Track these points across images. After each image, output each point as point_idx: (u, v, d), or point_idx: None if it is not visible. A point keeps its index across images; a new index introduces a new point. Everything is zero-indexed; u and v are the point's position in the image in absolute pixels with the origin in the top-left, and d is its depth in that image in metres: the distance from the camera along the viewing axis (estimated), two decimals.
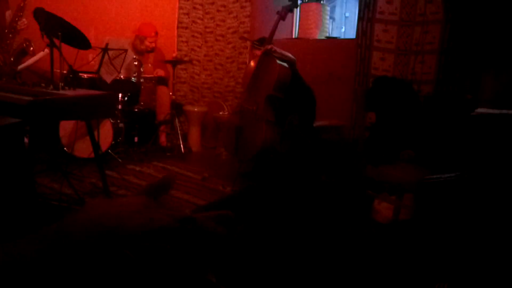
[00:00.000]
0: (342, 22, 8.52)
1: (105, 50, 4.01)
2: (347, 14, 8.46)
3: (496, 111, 2.74)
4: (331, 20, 7.99)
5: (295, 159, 3.70)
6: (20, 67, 4.02)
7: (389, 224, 2.98)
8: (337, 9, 8.53)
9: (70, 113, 2.10)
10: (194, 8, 5.54)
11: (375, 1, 4.17)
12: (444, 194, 2.57)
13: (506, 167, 2.48)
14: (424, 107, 3.29)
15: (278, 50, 3.79)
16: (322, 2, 5.17)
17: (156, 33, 5.05)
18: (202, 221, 0.48)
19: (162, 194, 0.52)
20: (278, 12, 3.90)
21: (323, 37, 5.16)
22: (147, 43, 5.01)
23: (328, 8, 5.46)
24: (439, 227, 2.59)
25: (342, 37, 6.69)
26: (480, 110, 2.79)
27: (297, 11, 5.47)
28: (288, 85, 3.73)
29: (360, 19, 4.30)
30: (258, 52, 3.83)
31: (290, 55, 3.81)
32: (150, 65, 5.09)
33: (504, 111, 2.71)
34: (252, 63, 3.94)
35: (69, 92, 2.16)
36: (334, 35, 6.57)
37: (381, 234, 2.99)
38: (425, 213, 2.75)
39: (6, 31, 3.75)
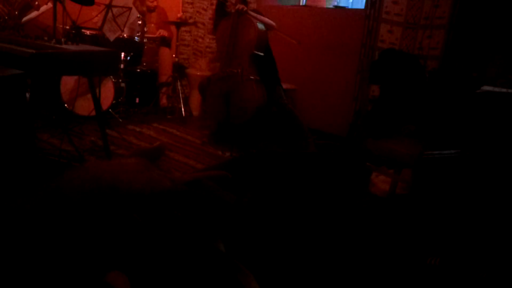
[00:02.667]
0: None
1: (109, 6, 3.93)
2: None
3: (503, 90, 2.72)
4: None
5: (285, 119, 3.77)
6: (23, 19, 3.96)
7: (386, 198, 3.01)
8: None
9: (72, 68, 2.08)
10: None
11: None
12: (443, 171, 2.58)
13: (507, 147, 2.48)
14: (429, 82, 3.26)
15: (253, 13, 3.76)
16: None
17: None
18: (210, 185, 0.47)
19: (154, 161, 0.51)
20: None
21: (331, 6, 5.06)
22: (148, 3, 4.91)
23: None
24: (435, 203, 2.62)
25: (351, 5, 6.56)
26: (485, 88, 2.77)
27: None
28: (267, 43, 3.76)
29: None
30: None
31: (266, 19, 3.81)
32: (153, 25, 5.00)
33: (511, 90, 2.69)
34: (224, 27, 3.85)
35: (72, 47, 2.13)
36: (342, 4, 6.45)
37: (377, 207, 3.03)
38: (423, 188, 2.77)
39: None
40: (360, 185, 3.20)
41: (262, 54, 3.73)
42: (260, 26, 3.71)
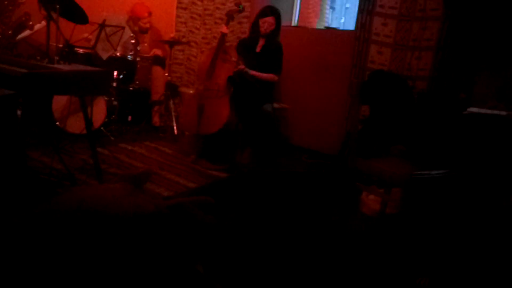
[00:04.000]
0: (342, 12, 8.49)
1: (102, 26, 3.97)
2: (347, 5, 8.42)
3: (488, 111, 2.77)
4: (331, 10, 7.95)
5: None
6: (17, 37, 3.98)
7: (376, 217, 3.02)
8: (338, 0, 8.49)
9: (64, 87, 2.09)
10: None
11: None
12: (432, 191, 2.60)
13: (494, 167, 2.52)
14: (418, 103, 3.31)
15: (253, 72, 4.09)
16: None
17: (150, 14, 5.00)
18: (191, 209, 0.49)
19: (140, 186, 0.53)
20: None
21: (322, 27, 5.15)
22: (140, 24, 4.97)
23: (328, 1, 5.44)
24: (425, 223, 2.63)
25: (341, 28, 6.67)
26: (472, 109, 2.82)
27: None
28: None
29: (360, 11, 4.29)
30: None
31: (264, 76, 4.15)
32: (146, 44, 5.05)
33: (496, 112, 2.74)
34: (208, 55, 4.24)
35: (65, 67, 2.15)
36: (334, 25, 6.55)
37: (367, 226, 3.04)
38: (412, 208, 2.79)
39: (6, 3, 3.70)
40: (350, 204, 3.22)
41: (238, 81, 4.06)
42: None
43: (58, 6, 3.49)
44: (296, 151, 4.68)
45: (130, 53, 4.57)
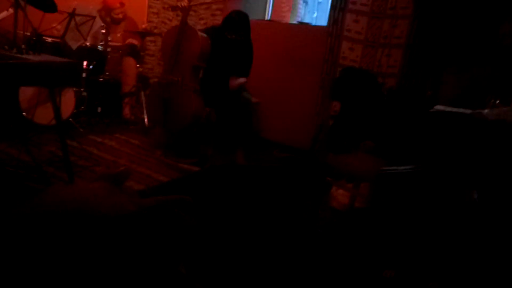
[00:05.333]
0: (314, 7, 8.54)
1: (72, 15, 3.88)
2: (320, 0, 8.48)
3: (454, 110, 2.86)
4: (304, 4, 7.99)
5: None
6: None
7: (345, 211, 3.09)
8: None
9: (33, 79, 2.04)
10: None
11: None
12: (399, 186, 2.67)
13: (458, 164, 2.61)
14: (387, 100, 3.39)
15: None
16: None
17: (122, 4, 4.91)
18: (172, 209, 0.50)
19: (119, 185, 0.53)
20: None
21: (295, 21, 5.18)
22: (113, 15, 4.88)
23: None
24: (392, 217, 2.71)
25: (314, 22, 6.72)
26: (438, 107, 2.90)
27: None
28: (209, 55, 3.91)
29: (332, 7, 4.34)
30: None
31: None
32: (119, 35, 4.96)
33: (461, 110, 2.83)
34: (169, 35, 4.01)
35: (33, 57, 2.10)
36: (306, 19, 6.59)
37: (336, 220, 3.10)
38: (380, 202, 2.86)
39: None
40: (320, 198, 3.27)
41: (204, 65, 3.89)
42: (204, 36, 3.86)
43: None
44: (267, 145, 4.71)
45: (101, 43, 4.49)
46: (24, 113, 3.96)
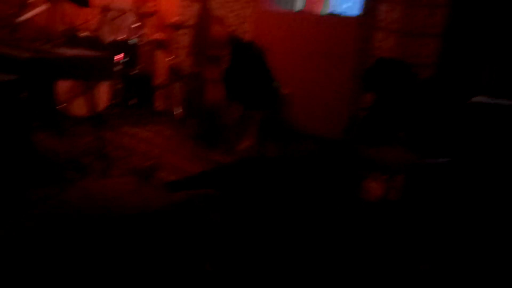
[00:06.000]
0: None
1: (106, 10, 3.95)
2: None
3: (493, 101, 2.76)
4: None
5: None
6: (19, 19, 3.96)
7: (378, 204, 3.04)
8: None
9: (68, 73, 2.10)
10: None
11: None
12: (434, 179, 2.61)
13: (497, 158, 2.52)
14: (422, 90, 3.30)
15: None
16: None
17: None
18: (197, 205, 0.49)
19: (147, 179, 0.53)
20: None
21: (326, 13, 5.10)
22: (145, 8, 4.94)
23: None
24: (426, 210, 2.65)
25: (346, 13, 6.60)
26: (477, 98, 2.81)
27: None
28: (225, 43, 3.91)
29: None
30: None
31: None
32: (150, 28, 5.02)
33: (500, 101, 2.73)
34: (193, 26, 4.15)
35: (68, 51, 2.15)
36: (339, 11, 6.47)
37: (369, 213, 3.06)
38: (414, 195, 2.80)
39: None
40: (353, 191, 3.23)
41: (219, 54, 3.88)
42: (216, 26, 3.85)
43: None
44: (298, 136, 4.68)
45: (133, 36, 4.55)
46: (61, 105, 4.08)
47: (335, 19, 4.84)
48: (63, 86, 4.03)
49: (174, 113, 4.68)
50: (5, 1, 3.70)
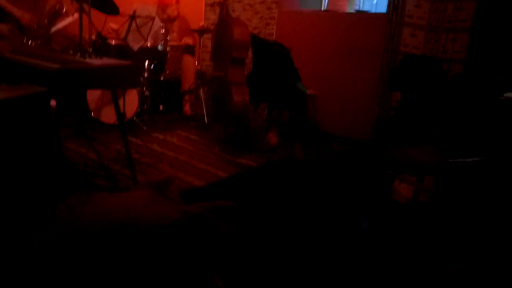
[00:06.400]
0: None
1: (133, 17, 4.02)
2: None
3: None
4: None
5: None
6: (51, 30, 4.08)
7: (408, 205, 2.98)
8: None
9: (96, 82, 2.15)
10: None
11: None
12: (466, 179, 2.53)
13: None
14: (452, 87, 3.21)
15: None
16: None
17: (177, 1, 5.04)
18: (210, 218, 0.49)
19: (162, 192, 0.53)
20: None
21: (352, 10, 5.03)
22: (168, 11, 5.02)
23: None
24: (458, 211, 2.58)
25: (374, 9, 6.50)
26: (509, 94, 2.71)
27: None
28: (249, 44, 3.86)
29: None
30: None
31: None
32: (175, 33, 5.09)
33: None
34: (213, 31, 4.14)
35: (96, 61, 2.19)
36: (366, 6, 6.39)
37: (399, 214, 3.00)
38: (445, 196, 2.73)
39: None
40: (382, 192, 3.17)
41: (244, 56, 3.86)
42: (239, 28, 3.83)
43: None
44: (326, 137, 4.64)
45: (161, 43, 4.62)
46: (92, 113, 4.19)
47: (363, 16, 4.77)
48: (92, 94, 4.13)
49: (201, 117, 4.73)
50: (39, 12, 3.82)
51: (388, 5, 4.23)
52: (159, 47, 4.63)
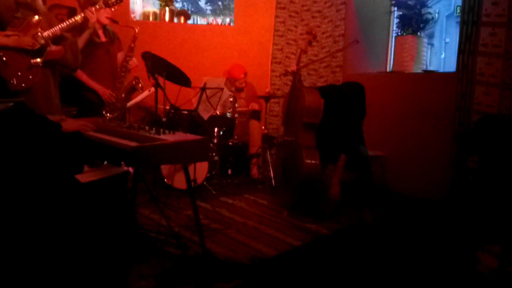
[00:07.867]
0: (442, 48, 8.15)
1: (203, 89, 4.26)
2: (447, 40, 8.06)
3: None
4: (429, 47, 7.67)
5: None
6: (128, 104, 4.41)
7: (494, 275, 2.74)
8: (436, 35, 8.18)
9: (169, 158, 2.26)
10: (290, 16, 5.80)
11: (477, 33, 3.94)
12: None
13: None
14: None
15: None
16: (418, 34, 5.00)
17: (245, 74, 5.28)
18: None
19: None
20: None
21: (419, 70, 4.97)
22: (237, 84, 5.28)
23: (425, 40, 5.25)
24: None
25: (441, 65, 6.39)
26: None
27: (391, 43, 5.36)
28: (320, 111, 3.85)
29: (460, 51, 4.08)
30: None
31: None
32: (243, 100, 5.30)
33: None
34: (285, 97, 4.24)
35: (169, 137, 2.32)
36: (434, 62, 6.30)
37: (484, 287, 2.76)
38: None
39: (119, 70, 4.15)
40: (466, 262, 2.95)
41: (316, 122, 3.85)
42: (311, 94, 3.87)
43: (165, 72, 3.86)
44: (397, 198, 4.47)
45: (229, 110, 4.82)
46: (165, 179, 4.37)
47: (431, 76, 4.70)
48: None
49: (269, 180, 4.76)
50: (118, 88, 4.14)
51: (457, 64, 4.13)
52: (228, 115, 4.82)
